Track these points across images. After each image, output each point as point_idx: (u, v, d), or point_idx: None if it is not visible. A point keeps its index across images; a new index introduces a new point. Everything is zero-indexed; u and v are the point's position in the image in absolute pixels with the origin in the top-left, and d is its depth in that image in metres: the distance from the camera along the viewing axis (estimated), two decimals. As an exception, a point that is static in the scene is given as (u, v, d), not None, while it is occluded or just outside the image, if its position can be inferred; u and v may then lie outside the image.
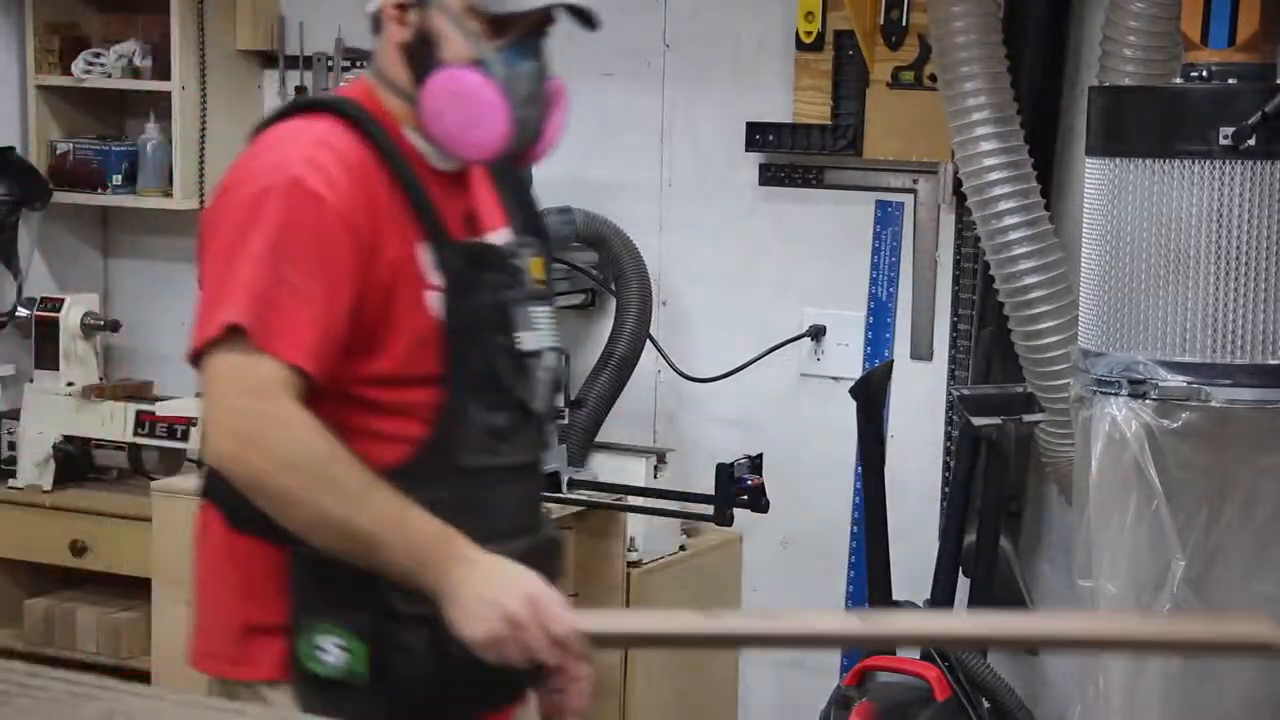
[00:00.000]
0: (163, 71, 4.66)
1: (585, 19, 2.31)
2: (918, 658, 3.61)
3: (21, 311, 4.65)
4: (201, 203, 4.69)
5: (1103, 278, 3.12)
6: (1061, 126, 3.97)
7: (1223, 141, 2.97)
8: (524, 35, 2.28)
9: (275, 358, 2.11)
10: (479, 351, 2.28)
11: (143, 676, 4.15)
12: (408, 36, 2.28)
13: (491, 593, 2.11)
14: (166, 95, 4.64)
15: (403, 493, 2.16)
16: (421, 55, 2.26)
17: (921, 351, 4.21)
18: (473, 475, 2.28)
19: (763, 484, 3.74)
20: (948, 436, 4.15)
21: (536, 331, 2.35)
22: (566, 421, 3.99)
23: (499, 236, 2.39)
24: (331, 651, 2.19)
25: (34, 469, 4.61)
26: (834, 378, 4.25)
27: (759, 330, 4.31)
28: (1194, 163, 2.99)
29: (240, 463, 2.12)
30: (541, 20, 2.30)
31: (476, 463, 2.28)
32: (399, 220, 2.23)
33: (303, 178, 2.16)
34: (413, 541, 2.13)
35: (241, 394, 2.11)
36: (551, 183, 4.16)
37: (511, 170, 2.47)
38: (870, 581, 3.72)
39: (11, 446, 4.66)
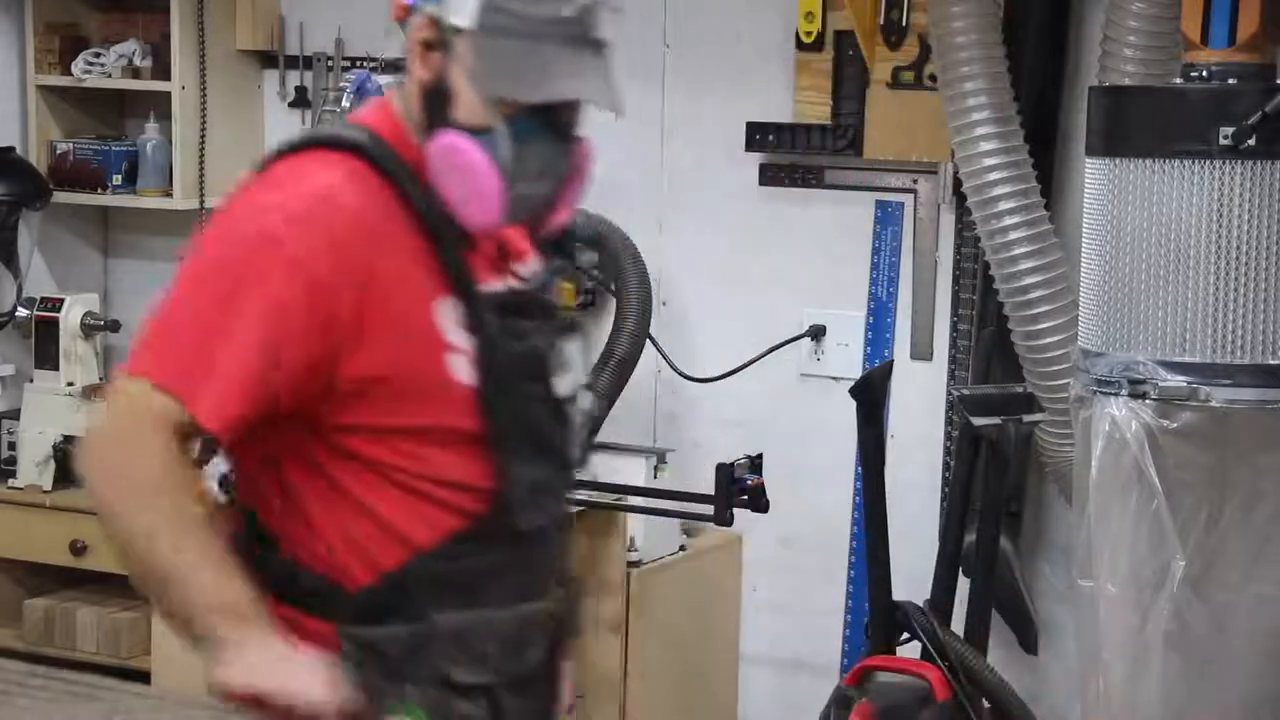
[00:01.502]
0: (163, 71, 4.66)
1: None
2: (918, 658, 3.61)
3: (21, 311, 4.65)
4: (201, 203, 4.69)
5: (1103, 278, 3.12)
6: (1061, 126, 3.97)
7: (1223, 141, 2.96)
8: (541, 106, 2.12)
9: (179, 401, 2.03)
10: (517, 408, 2.17)
11: (143, 676, 4.15)
12: (427, 79, 2.13)
13: (271, 666, 2.00)
14: (166, 95, 4.64)
15: (462, 558, 2.14)
16: (436, 104, 2.13)
17: (921, 351, 4.21)
18: (526, 536, 2.19)
19: (763, 484, 3.74)
20: (948, 436, 4.15)
21: (570, 372, 2.26)
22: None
23: (529, 266, 2.27)
24: None
25: (34, 469, 4.61)
26: (834, 378, 4.25)
27: (759, 330, 4.31)
28: (1194, 163, 2.99)
29: (87, 467, 2.06)
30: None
31: (530, 523, 2.19)
32: (415, 275, 2.12)
33: (282, 239, 2.05)
34: (223, 593, 2.02)
35: (126, 413, 2.06)
36: (551, 183, 4.16)
37: None
38: (870, 581, 3.72)
39: (11, 446, 4.67)
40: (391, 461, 2.12)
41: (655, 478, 4.13)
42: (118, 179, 4.74)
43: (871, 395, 3.70)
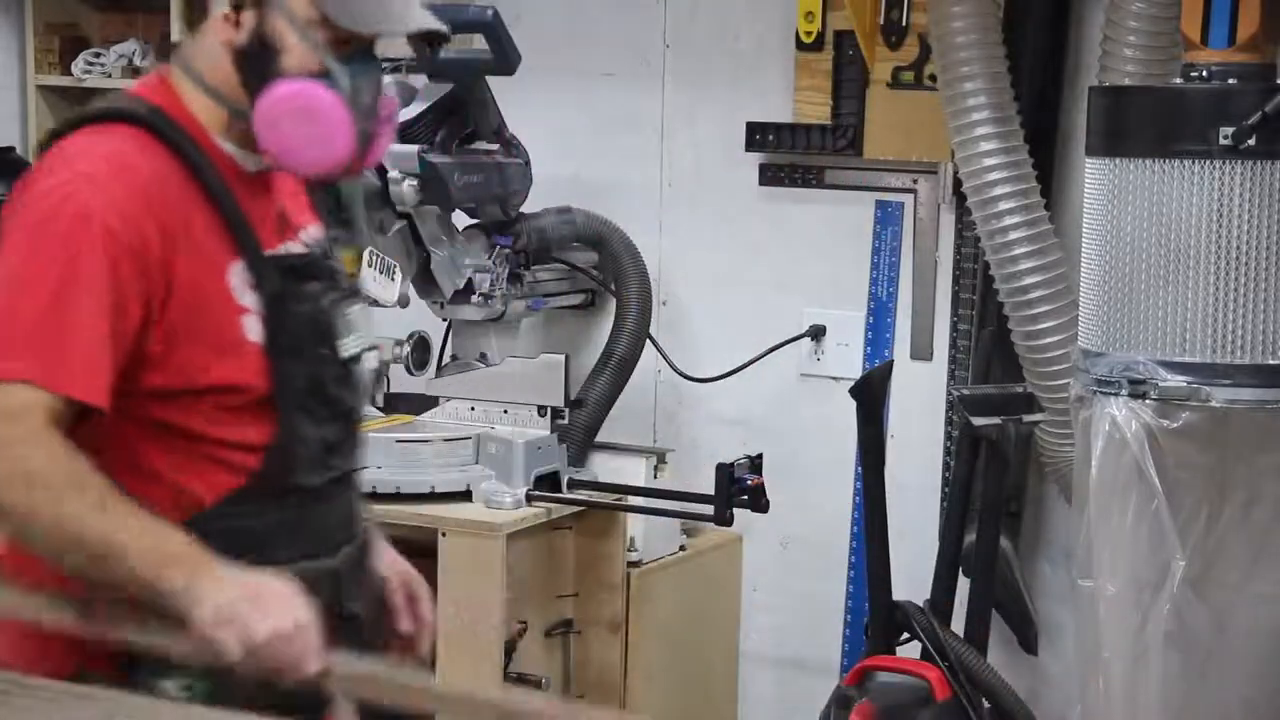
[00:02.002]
0: (163, 71, 4.66)
1: (439, 37, 2.27)
2: (918, 658, 3.61)
3: (21, 311, 4.64)
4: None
5: (1103, 278, 3.12)
6: (1061, 126, 3.97)
7: (1223, 141, 2.97)
8: (366, 45, 2.21)
9: (44, 389, 2.04)
10: (304, 368, 2.23)
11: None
12: (241, 39, 2.17)
13: (248, 608, 2.03)
14: (166, 95, 4.63)
15: (242, 517, 2.17)
16: (259, 62, 2.16)
17: (921, 351, 4.21)
18: (308, 492, 2.24)
19: (763, 484, 3.73)
20: (948, 436, 4.15)
21: (356, 334, 2.31)
22: (566, 421, 3.99)
23: (310, 233, 2.34)
24: (175, 694, 2.14)
25: (34, 469, 4.60)
26: (834, 378, 4.25)
27: (759, 330, 4.31)
28: (1194, 163, 2.99)
29: None
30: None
31: (312, 480, 2.24)
32: (208, 239, 2.17)
33: (88, 207, 2.07)
34: (161, 547, 2.05)
35: (2, 420, 2.04)
36: (551, 183, 4.16)
37: None
38: (870, 581, 3.72)
39: (11, 446, 4.66)
40: (184, 425, 2.16)
41: (655, 478, 4.13)
42: (118, 179, 4.74)
43: (871, 395, 3.70)
